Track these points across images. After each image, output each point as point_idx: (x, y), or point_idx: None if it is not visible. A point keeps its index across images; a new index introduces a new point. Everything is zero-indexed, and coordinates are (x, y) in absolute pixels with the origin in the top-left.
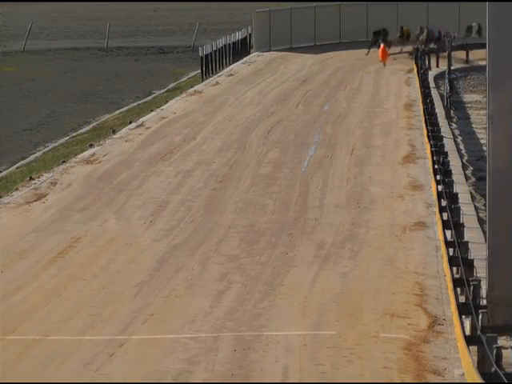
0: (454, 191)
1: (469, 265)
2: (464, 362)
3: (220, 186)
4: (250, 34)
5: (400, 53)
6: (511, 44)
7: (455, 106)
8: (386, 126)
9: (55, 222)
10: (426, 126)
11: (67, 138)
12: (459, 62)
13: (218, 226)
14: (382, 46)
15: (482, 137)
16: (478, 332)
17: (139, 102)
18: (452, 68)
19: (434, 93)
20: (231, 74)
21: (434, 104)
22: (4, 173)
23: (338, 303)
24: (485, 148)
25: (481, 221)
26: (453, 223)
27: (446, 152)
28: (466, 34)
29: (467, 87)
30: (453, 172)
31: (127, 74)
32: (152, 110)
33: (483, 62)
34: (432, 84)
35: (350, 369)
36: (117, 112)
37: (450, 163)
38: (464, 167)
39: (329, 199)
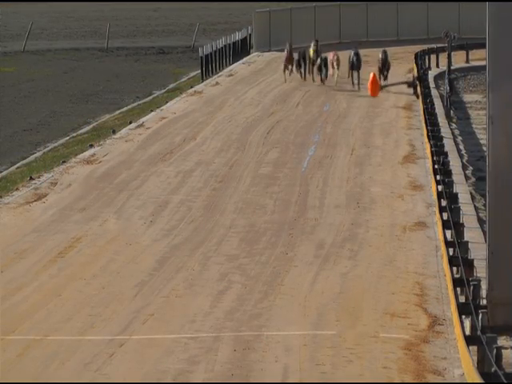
0: (454, 191)
1: (469, 265)
2: (464, 362)
3: (220, 186)
4: (250, 34)
5: (393, 84)
6: (511, 44)
7: (455, 106)
8: (385, 126)
9: (55, 222)
10: (426, 126)
11: (67, 138)
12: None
13: (217, 226)
14: (372, 75)
15: (482, 137)
16: (478, 332)
17: (139, 102)
18: (452, 68)
19: (434, 93)
20: (231, 74)
21: (434, 104)
22: (4, 173)
23: (337, 303)
24: (485, 148)
25: (481, 221)
26: (453, 223)
27: (446, 152)
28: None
29: (467, 87)
30: (453, 172)
31: (127, 74)
32: (152, 110)
33: (483, 62)
34: (432, 84)
35: (350, 369)
36: (117, 112)
37: (450, 163)
38: (464, 167)
39: (329, 199)
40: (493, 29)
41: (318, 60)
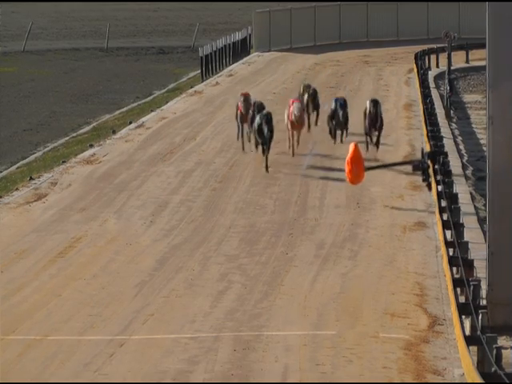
0: (454, 191)
1: (469, 265)
2: (464, 362)
3: (220, 186)
4: (249, 34)
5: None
6: (511, 44)
7: (455, 106)
8: (385, 126)
9: (55, 222)
10: (426, 126)
11: (67, 138)
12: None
13: (217, 226)
14: (352, 147)
15: (482, 137)
16: (478, 332)
17: (139, 103)
18: (452, 68)
19: (434, 93)
20: (231, 75)
21: (433, 104)
22: (4, 173)
23: (338, 303)
24: (485, 148)
25: (481, 221)
26: (453, 223)
27: (446, 152)
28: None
29: (467, 87)
30: (453, 172)
31: (127, 74)
32: (152, 111)
33: (483, 62)
34: (432, 84)
35: (350, 369)
36: (117, 112)
37: (450, 163)
38: (464, 167)
39: (329, 199)
40: (493, 29)
41: (258, 117)
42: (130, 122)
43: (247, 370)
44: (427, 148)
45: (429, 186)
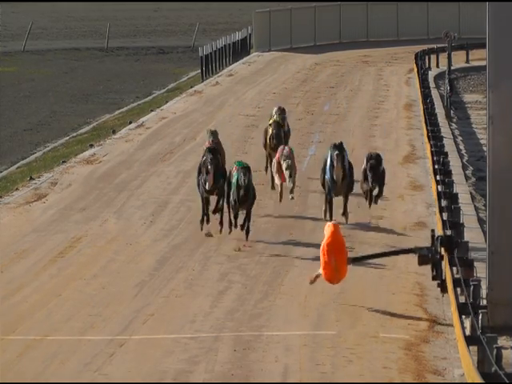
0: (454, 191)
1: (469, 265)
2: (464, 362)
3: None
4: (249, 34)
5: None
6: (511, 44)
7: (455, 106)
8: (386, 126)
9: (55, 222)
10: (426, 126)
11: (67, 138)
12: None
13: (218, 226)
14: (330, 229)
15: (482, 137)
16: (478, 332)
17: (139, 102)
18: (452, 68)
19: (434, 93)
20: (231, 74)
21: (434, 104)
22: (4, 173)
23: (338, 303)
24: (485, 148)
25: (481, 221)
26: (453, 223)
27: (446, 152)
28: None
29: (467, 87)
30: (453, 172)
31: (127, 74)
32: (152, 110)
33: (483, 62)
34: (432, 84)
35: (350, 369)
36: (117, 112)
37: (450, 163)
38: (464, 167)
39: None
40: (493, 29)
41: (232, 190)
42: (130, 122)
43: (247, 370)
44: (439, 230)
45: (442, 287)
